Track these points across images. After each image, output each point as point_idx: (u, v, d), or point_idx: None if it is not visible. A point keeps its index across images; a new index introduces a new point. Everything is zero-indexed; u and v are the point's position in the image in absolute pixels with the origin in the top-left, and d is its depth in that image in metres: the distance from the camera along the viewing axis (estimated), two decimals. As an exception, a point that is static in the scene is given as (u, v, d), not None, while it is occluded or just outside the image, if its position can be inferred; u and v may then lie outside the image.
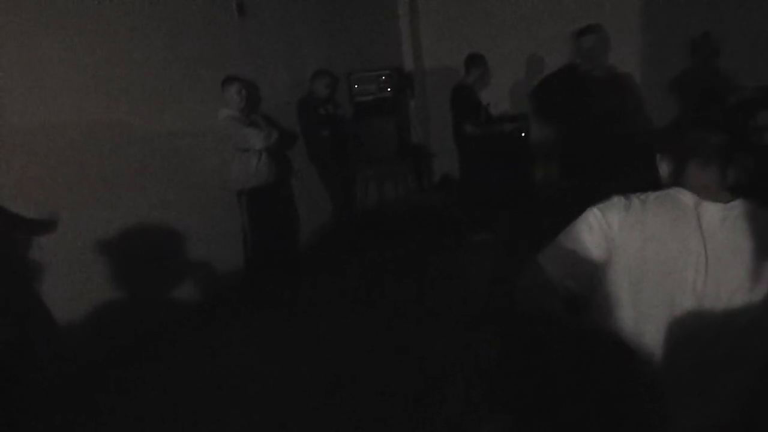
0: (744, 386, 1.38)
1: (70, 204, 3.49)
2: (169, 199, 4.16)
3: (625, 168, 3.32)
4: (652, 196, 1.45)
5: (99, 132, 3.69)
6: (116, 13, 3.80)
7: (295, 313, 4.25)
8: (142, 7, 3.98)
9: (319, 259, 5.37)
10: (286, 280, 4.83)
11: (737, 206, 1.38)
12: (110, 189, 3.75)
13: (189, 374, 3.48)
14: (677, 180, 1.46)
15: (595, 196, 1.54)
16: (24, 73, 3.29)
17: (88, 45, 3.63)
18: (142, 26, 3.99)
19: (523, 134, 5.92)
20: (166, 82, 4.16)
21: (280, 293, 4.61)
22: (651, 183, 1.51)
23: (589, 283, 1.50)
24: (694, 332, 1.36)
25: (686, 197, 1.40)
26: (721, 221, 1.36)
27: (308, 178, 5.45)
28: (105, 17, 3.74)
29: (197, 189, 4.40)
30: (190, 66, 4.36)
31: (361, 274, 4.85)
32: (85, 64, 3.61)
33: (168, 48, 4.18)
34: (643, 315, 1.40)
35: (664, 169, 1.52)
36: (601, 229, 1.45)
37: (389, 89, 6.09)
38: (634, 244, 1.40)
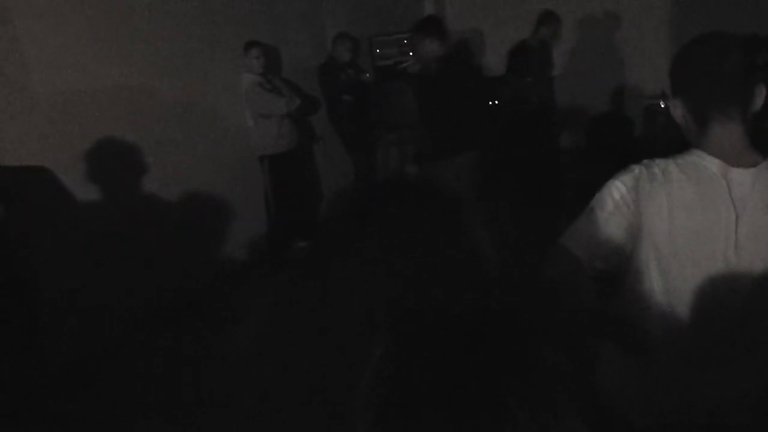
0: None
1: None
2: (191, 164, 4.18)
3: None
4: (672, 164, 1.35)
5: (122, 97, 3.71)
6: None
7: (314, 280, 4.29)
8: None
9: (341, 225, 5.38)
10: (307, 245, 4.86)
11: (766, 169, 1.29)
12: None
13: (207, 345, 3.53)
14: (697, 136, 1.35)
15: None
16: (47, 39, 3.30)
17: (110, 10, 3.62)
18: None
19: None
20: (189, 46, 4.15)
21: (302, 259, 4.65)
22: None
23: (618, 260, 1.42)
24: (727, 303, 1.31)
25: (712, 164, 1.31)
26: (752, 186, 1.28)
27: (330, 143, 5.43)
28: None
29: (220, 153, 4.42)
30: (212, 30, 4.34)
31: (380, 242, 4.86)
32: (107, 29, 3.61)
33: (190, 12, 4.16)
34: (673, 288, 1.35)
35: (678, 113, 1.38)
36: (626, 203, 1.37)
37: (411, 53, 6.00)
38: (661, 216, 1.33)
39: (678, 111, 1.38)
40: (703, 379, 1.35)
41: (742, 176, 1.29)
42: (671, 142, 1.40)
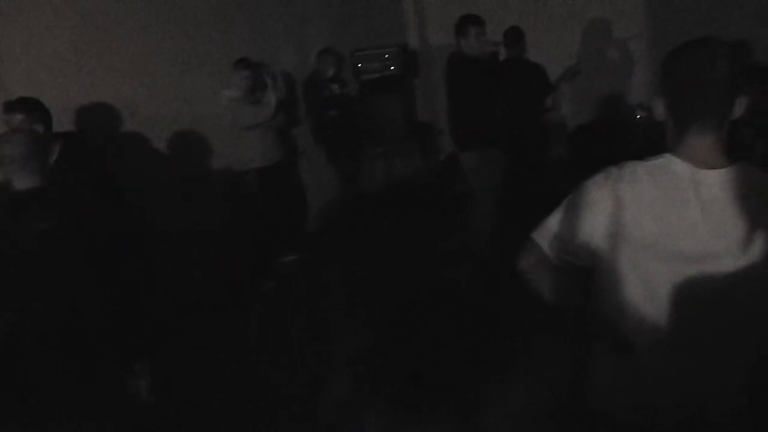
0: (751, 357, 1.38)
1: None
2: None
3: None
4: (641, 166, 1.40)
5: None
6: (120, -5, 3.80)
7: (297, 294, 4.27)
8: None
9: (327, 238, 5.38)
10: (293, 258, 4.85)
11: (735, 171, 1.33)
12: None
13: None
14: (673, 137, 1.39)
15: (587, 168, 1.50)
16: (28, 55, 3.30)
17: (92, 26, 3.62)
18: (148, 5, 3.97)
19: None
20: (173, 61, 4.16)
21: (288, 271, 4.64)
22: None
23: (588, 256, 1.48)
24: (699, 302, 1.35)
25: (681, 167, 1.34)
26: (720, 188, 1.31)
27: (315, 157, 5.45)
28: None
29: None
30: (197, 45, 4.35)
31: (366, 254, 4.87)
32: (90, 45, 3.61)
33: (174, 27, 4.17)
34: (647, 286, 1.39)
35: (659, 111, 1.42)
36: (595, 203, 1.43)
37: (394, 67, 6.04)
38: (629, 216, 1.37)
39: (660, 110, 1.41)
40: (677, 375, 1.39)
41: (710, 178, 1.33)
42: (647, 152, 1.44)
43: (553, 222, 1.53)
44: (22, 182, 2.09)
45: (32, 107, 2.76)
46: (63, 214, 2.09)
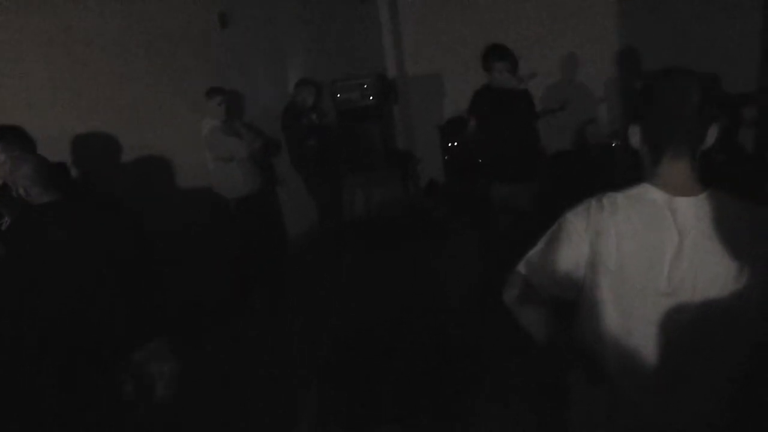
0: (730, 378, 1.40)
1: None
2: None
3: None
4: (621, 196, 1.43)
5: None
6: (99, 28, 3.80)
7: (278, 321, 4.25)
8: (124, 22, 3.97)
9: (306, 267, 5.35)
10: (272, 288, 4.82)
11: (708, 198, 1.36)
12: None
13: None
14: (649, 165, 1.42)
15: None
16: (7, 89, 3.27)
17: (71, 60, 3.62)
18: (126, 40, 3.98)
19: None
20: (151, 95, 4.15)
21: (266, 301, 4.60)
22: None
23: (571, 287, 1.51)
24: (679, 327, 1.37)
25: (657, 195, 1.38)
26: (695, 215, 1.35)
27: (293, 187, 5.44)
28: (88, 32, 3.73)
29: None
30: (175, 78, 4.35)
31: (347, 282, 4.85)
32: (68, 78, 3.60)
33: (152, 61, 4.17)
34: (627, 314, 1.41)
35: (635, 140, 1.45)
36: (577, 234, 1.46)
37: (372, 97, 6.10)
38: (611, 245, 1.40)
39: (635, 138, 1.45)
40: (656, 403, 1.40)
41: (685, 205, 1.36)
42: (624, 180, 1.46)
43: (536, 254, 1.56)
44: (39, 197, 2.38)
45: (13, 135, 2.78)
46: (76, 227, 2.39)
